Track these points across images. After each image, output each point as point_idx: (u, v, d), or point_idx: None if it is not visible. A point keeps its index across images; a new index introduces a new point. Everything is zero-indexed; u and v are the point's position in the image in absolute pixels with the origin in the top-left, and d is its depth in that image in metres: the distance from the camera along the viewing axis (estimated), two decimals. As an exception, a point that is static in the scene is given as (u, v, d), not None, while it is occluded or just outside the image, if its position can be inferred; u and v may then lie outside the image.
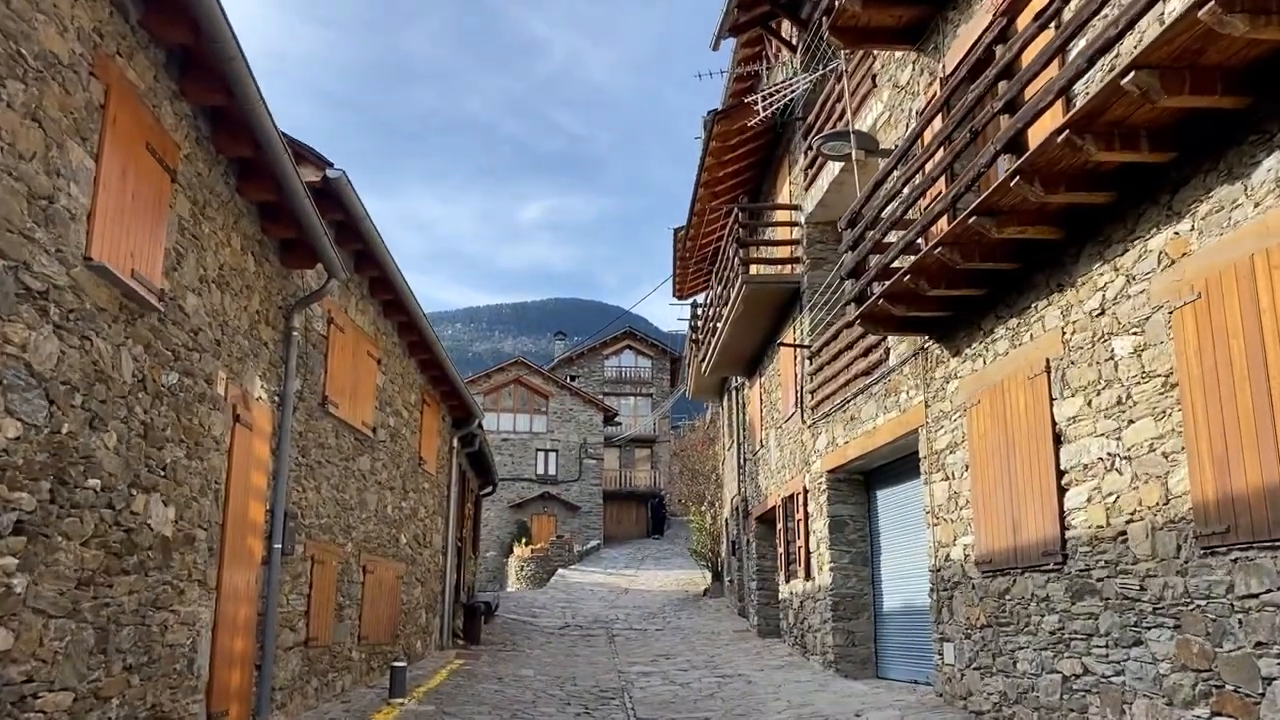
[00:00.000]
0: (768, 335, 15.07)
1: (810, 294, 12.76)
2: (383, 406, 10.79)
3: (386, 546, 10.99)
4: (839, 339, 11.42)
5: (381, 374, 10.71)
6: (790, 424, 13.80)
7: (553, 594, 25.28)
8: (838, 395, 11.42)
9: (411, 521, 12.06)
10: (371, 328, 10.34)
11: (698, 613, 20.90)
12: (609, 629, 18.00)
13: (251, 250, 7.23)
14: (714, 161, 14.90)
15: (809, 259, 12.87)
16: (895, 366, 9.65)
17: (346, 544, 9.63)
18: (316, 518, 8.82)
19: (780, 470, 14.53)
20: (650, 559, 34.88)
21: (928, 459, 8.85)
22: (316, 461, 8.81)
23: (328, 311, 9.01)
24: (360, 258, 9.67)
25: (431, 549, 13.13)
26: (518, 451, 38.86)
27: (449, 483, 13.97)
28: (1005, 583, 7.37)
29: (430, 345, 11.56)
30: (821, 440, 12.13)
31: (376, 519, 10.61)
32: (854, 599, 11.55)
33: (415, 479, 12.22)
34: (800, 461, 13.14)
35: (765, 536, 16.81)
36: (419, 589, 12.49)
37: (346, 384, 9.53)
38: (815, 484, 12.32)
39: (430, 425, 12.85)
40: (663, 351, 47.88)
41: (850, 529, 11.75)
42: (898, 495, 10.83)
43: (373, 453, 10.45)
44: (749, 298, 13.45)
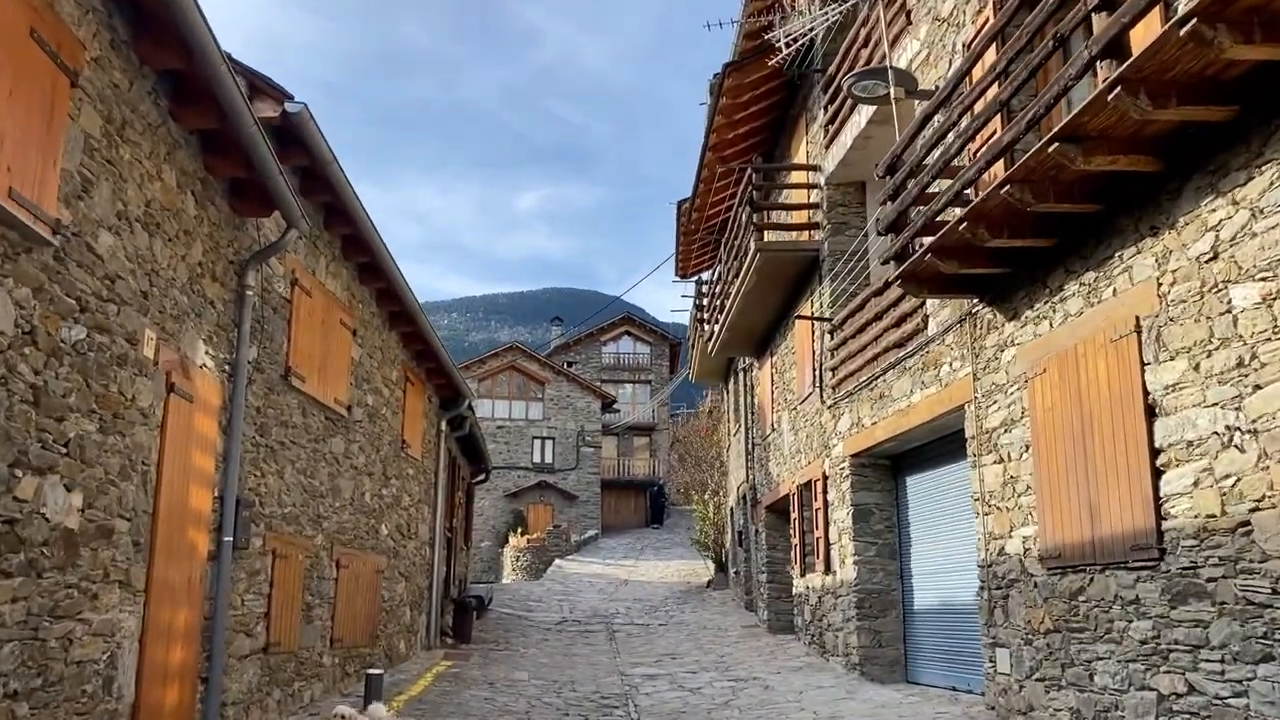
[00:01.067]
0: (781, 310, 13.97)
1: (831, 262, 11.65)
2: (359, 383, 9.68)
3: (364, 538, 9.90)
4: (866, 309, 10.32)
5: (357, 346, 9.60)
6: (806, 405, 12.72)
7: (549, 586, 24.24)
8: (864, 372, 10.33)
9: (394, 511, 10.97)
10: (345, 294, 9.23)
11: (702, 606, 19.86)
12: (609, 624, 16.94)
13: (191, 189, 6.11)
14: (724, 121, 13.75)
15: (829, 224, 11.75)
16: (936, 336, 8.55)
17: (316, 536, 8.54)
18: (279, 506, 7.73)
19: (795, 455, 13.45)
20: (650, 549, 33.84)
21: (976, 439, 7.77)
22: (279, 442, 7.72)
23: (291, 271, 7.90)
24: (331, 213, 8.55)
25: (417, 540, 12.05)
26: (514, 439, 37.76)
27: (436, 469, 12.88)
28: (1078, 581, 6.29)
29: (413, 316, 10.45)
30: (844, 422, 11.04)
31: (352, 508, 9.52)
32: (880, 595, 10.49)
33: (398, 464, 11.12)
34: (818, 445, 12.05)
35: (776, 527, 15.75)
36: (402, 584, 11.42)
37: (315, 355, 8.42)
38: (836, 470, 11.24)
39: (414, 406, 11.75)
40: (662, 338, 46.74)
41: (876, 519, 10.67)
42: (933, 481, 9.76)
43: (347, 434, 9.34)
44: (763, 267, 12.33)
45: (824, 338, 11.79)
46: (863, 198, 11.80)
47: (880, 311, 9.87)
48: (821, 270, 11.96)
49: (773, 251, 12.15)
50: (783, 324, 14.22)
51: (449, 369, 12.08)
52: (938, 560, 9.66)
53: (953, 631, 9.28)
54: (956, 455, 9.00)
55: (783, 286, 13.07)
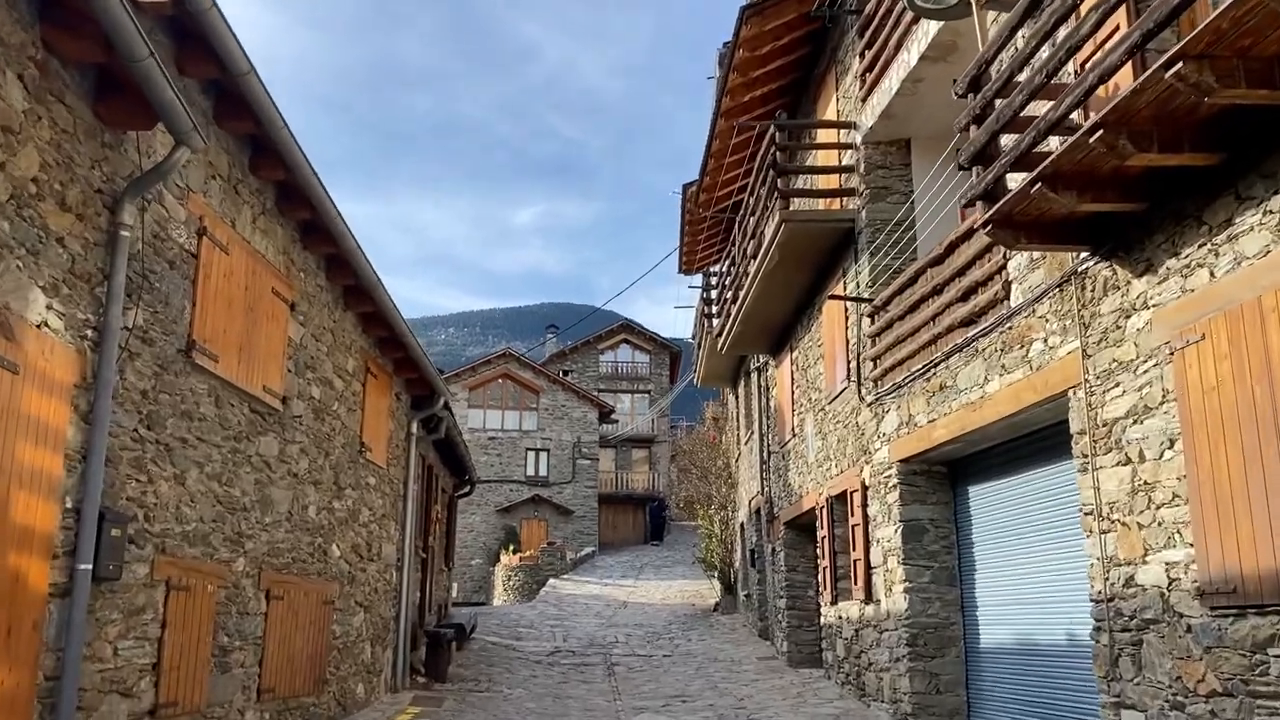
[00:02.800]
0: (806, 295, 12.18)
1: (870, 233, 9.87)
2: (300, 370, 7.87)
3: (307, 562, 8.06)
4: (919, 283, 8.54)
5: (298, 324, 7.79)
6: (838, 404, 10.91)
7: (542, 609, 22.33)
8: (917, 359, 8.53)
9: (348, 527, 9.13)
10: (281, 258, 7.43)
11: (709, 633, 17.97)
12: (607, 655, 15.05)
13: (20, 72, 4.32)
14: (739, 81, 12.00)
15: (867, 189, 9.98)
16: (1023, 306, 6.76)
17: (236, 560, 6.70)
18: (178, 522, 5.90)
19: (823, 463, 11.63)
20: (650, 568, 31.93)
21: (1088, 434, 5.96)
22: (178, 438, 5.90)
23: (198, 218, 6.10)
24: (259, 151, 6.78)
25: (380, 563, 10.20)
26: (506, 451, 35.88)
27: (406, 478, 11.04)
28: (1269, 627, 4.48)
29: (372, 292, 8.64)
30: (889, 421, 9.23)
31: (290, 524, 7.68)
32: (937, 631, 8.66)
33: (355, 471, 9.29)
34: (855, 450, 10.24)
35: (797, 545, 13.92)
36: (361, 616, 9.56)
37: (234, 331, 6.61)
38: (879, 479, 9.42)
39: (377, 403, 9.93)
40: (662, 346, 44.97)
41: (930, 537, 8.85)
42: (1007, 490, 7.95)
43: (283, 432, 7.52)
44: (788, 242, 10.54)
45: (860, 323, 10.00)
46: (907, 157, 10.04)
47: (940, 284, 8.09)
48: (858, 243, 10.18)
49: (800, 222, 10.36)
50: (807, 312, 12.44)
51: (420, 360, 10.26)
52: (1013, 588, 7.84)
53: (1036, 678, 7.46)
54: (1047, 456, 7.20)
55: (809, 265, 11.28)
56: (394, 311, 9.13)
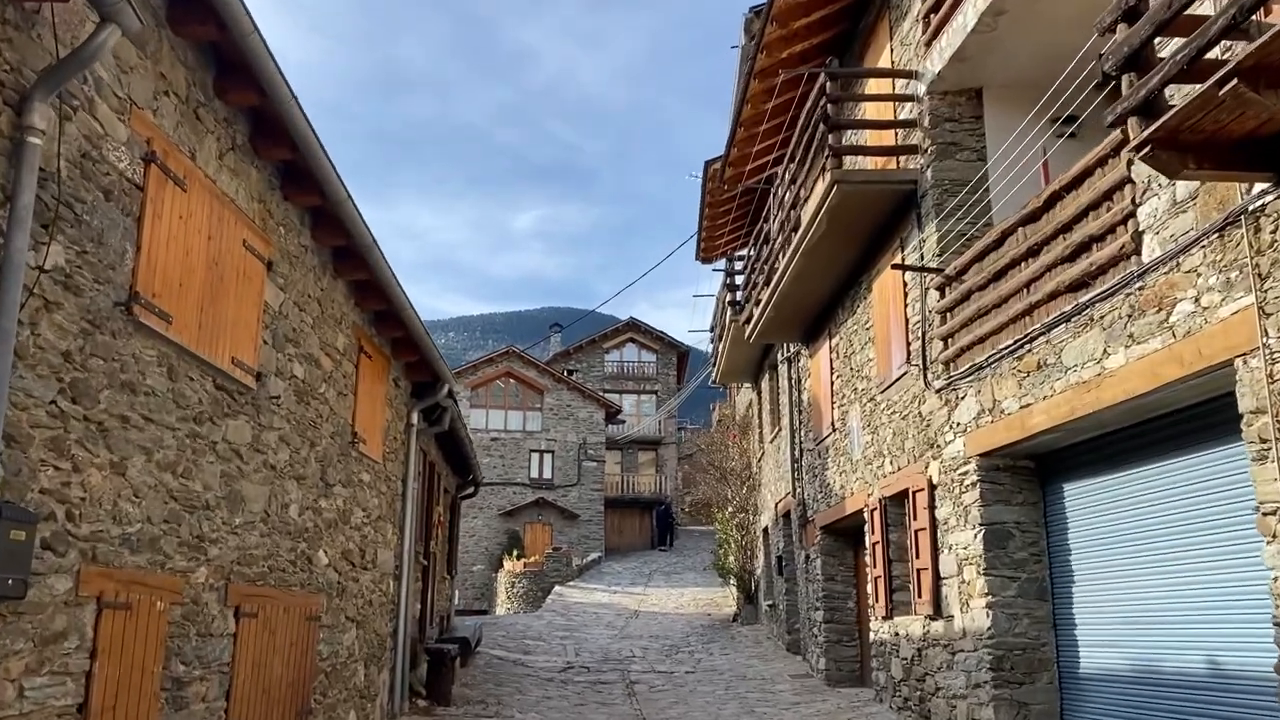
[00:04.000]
0: (850, 272, 10.94)
1: (937, 194, 8.63)
2: (279, 343, 6.61)
3: (287, 571, 6.80)
4: (1007, 245, 7.30)
5: (276, 288, 6.54)
6: (894, 393, 9.66)
7: (550, 618, 21.05)
8: (1006, 334, 7.28)
9: (338, 530, 7.87)
10: (255, 206, 6.18)
11: (732, 646, 16.70)
12: (625, 672, 13.78)
13: None
14: (777, 34, 10.75)
15: (934, 145, 8.74)
16: (1163, 259, 5.50)
17: (196, 569, 5.45)
18: (116, 523, 4.64)
19: (874, 460, 10.37)
20: (659, 574, 30.63)
21: (1271, 412, 4.70)
22: (118, 416, 4.65)
23: (145, 140, 4.85)
24: (225, 69, 5.54)
25: (375, 571, 8.93)
26: (509, 452, 34.58)
27: (405, 475, 9.78)
28: None
29: (365, 255, 7.38)
30: (965, 409, 7.98)
31: (266, 526, 6.42)
32: (1026, 653, 7.40)
33: (346, 466, 8.04)
34: (918, 444, 8.99)
35: (836, 552, 12.67)
36: (353, 633, 8.29)
37: (194, 287, 5.36)
38: (952, 475, 8.17)
39: (373, 389, 8.67)
40: (669, 346, 43.66)
41: (1016, 543, 7.60)
42: (1121, 486, 6.69)
43: (257, 415, 6.27)
44: (838, 208, 9.29)
45: (925, 298, 8.76)
46: (978, 109, 8.80)
47: (1037, 244, 6.84)
48: (920, 208, 8.93)
49: (855, 184, 9.10)
50: (851, 292, 11.19)
51: (422, 340, 8.99)
52: (1127, 604, 6.59)
53: (1163, 713, 6.20)
54: (1188, 443, 5.96)
55: (857, 237, 10.03)
56: (392, 280, 7.88)
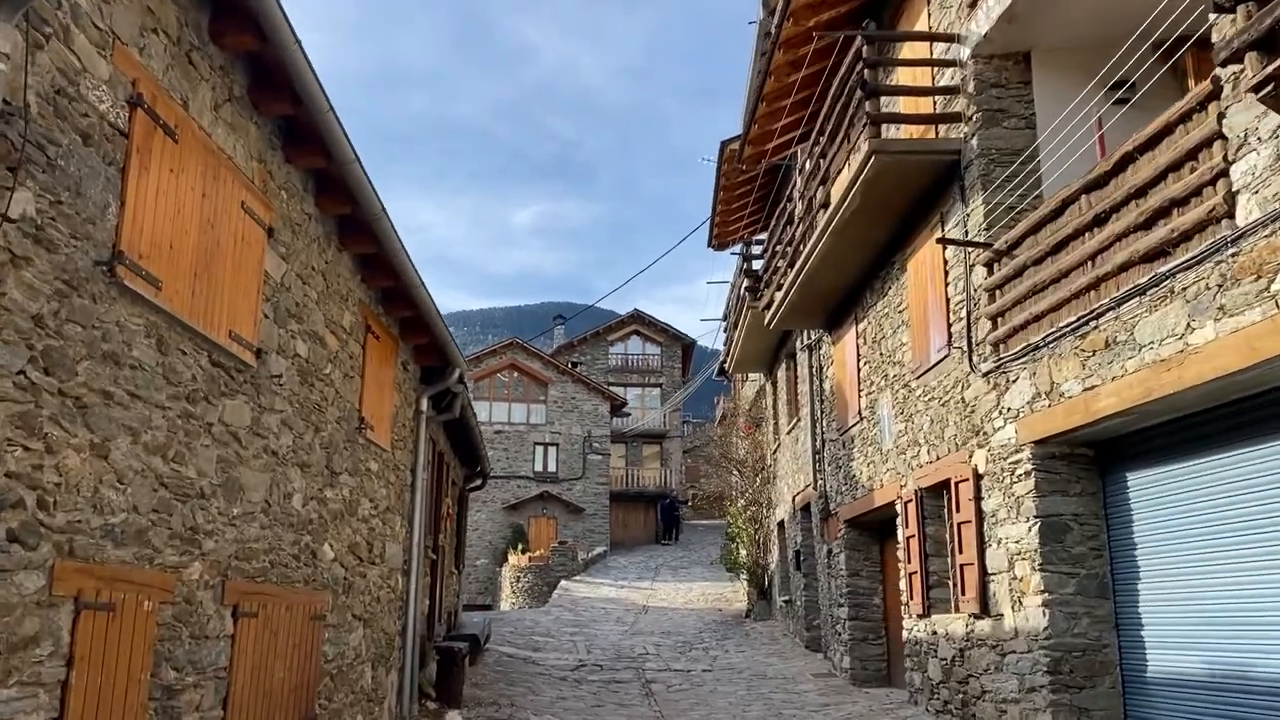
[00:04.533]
0: (882, 251, 10.38)
1: (983, 164, 8.07)
2: (282, 318, 6.07)
3: (290, 566, 6.26)
4: (1068, 214, 6.74)
5: (278, 258, 5.99)
6: (933, 378, 9.11)
7: (557, 614, 20.53)
8: (1066, 310, 6.73)
9: (345, 523, 7.33)
10: (254, 166, 5.62)
11: (748, 643, 16.18)
12: (639, 670, 13.26)
13: None
14: (805, 1, 10.19)
15: (979, 112, 8.18)
16: (1263, 220, 4.95)
17: (189, 564, 4.90)
18: (97, 512, 4.10)
19: (908, 449, 9.82)
20: (665, 568, 30.13)
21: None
22: (100, 392, 4.10)
23: (131, 82, 4.30)
24: (221, 6, 4.98)
25: (383, 566, 8.39)
26: (513, 445, 34.05)
27: (415, 464, 9.23)
28: None
29: (373, 224, 6.82)
30: (1018, 393, 7.43)
31: (267, 518, 5.88)
32: (1086, 655, 6.87)
33: (353, 454, 7.49)
34: (961, 431, 8.44)
35: (861, 546, 12.13)
36: (360, 632, 7.76)
37: (187, 250, 4.82)
38: (1002, 464, 7.63)
39: (381, 372, 8.12)
40: (673, 338, 43.15)
41: (1074, 537, 7.06)
42: (1199, 474, 6.14)
43: (258, 396, 5.72)
44: (877, 179, 8.73)
45: (970, 276, 8.22)
46: (1026, 73, 8.24)
47: (1105, 211, 6.29)
48: (964, 179, 8.38)
49: (895, 154, 8.54)
50: (882, 273, 10.63)
51: (432, 320, 8.43)
52: (1205, 603, 6.05)
53: None
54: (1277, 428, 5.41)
55: (891, 213, 9.47)
56: (401, 253, 7.32)
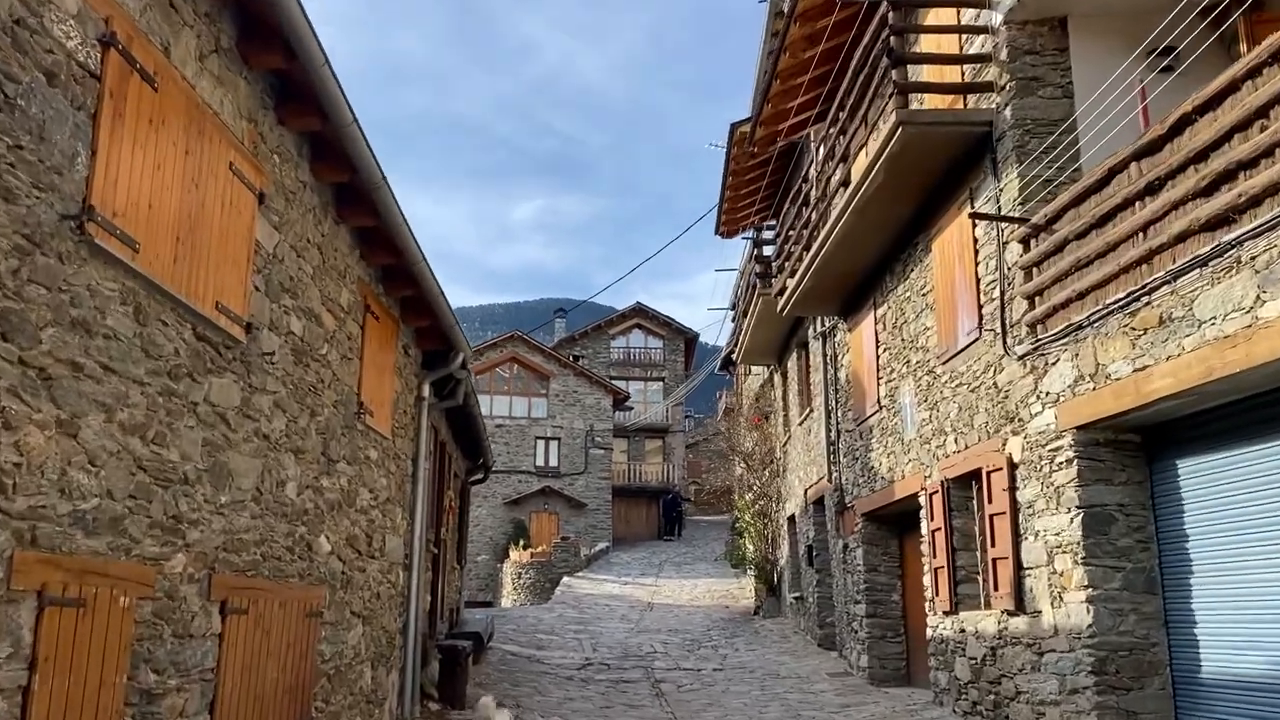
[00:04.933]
0: (904, 231, 9.95)
1: (1018, 135, 7.64)
2: (274, 292, 5.63)
3: (284, 559, 5.83)
4: (1115, 183, 6.31)
5: (270, 226, 5.55)
6: (961, 362, 8.69)
7: (561, 611, 20.12)
8: (1114, 286, 6.29)
9: (342, 514, 6.89)
10: (244, 125, 5.19)
11: (757, 641, 15.77)
12: (648, 670, 12.84)
13: None
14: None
15: (1013, 80, 7.75)
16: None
17: (171, 556, 4.47)
18: (65, 497, 3.67)
19: (931, 439, 9.40)
20: (669, 564, 29.71)
21: None
22: (68, 362, 3.67)
23: (104, 20, 3.86)
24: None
25: (384, 560, 7.96)
26: (514, 439, 33.61)
27: (416, 453, 8.80)
28: None
29: (373, 193, 6.37)
30: (1058, 376, 7.00)
31: (259, 506, 5.45)
32: (1133, 654, 6.44)
33: (351, 440, 7.06)
34: (993, 418, 8.01)
35: (879, 540, 11.71)
36: (359, 630, 7.33)
37: (167, 210, 4.38)
38: (1040, 452, 7.20)
39: (380, 356, 7.69)
40: (676, 331, 42.71)
41: (1120, 528, 6.63)
42: (1261, 460, 5.72)
43: (248, 375, 5.29)
44: (903, 153, 8.29)
45: (1002, 254, 7.79)
46: (1063, 40, 7.80)
47: (1160, 178, 5.85)
48: (997, 152, 7.94)
49: (923, 125, 8.10)
50: (903, 255, 10.20)
51: (436, 301, 7.99)
52: (1271, 597, 5.63)
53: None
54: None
55: (918, 188, 9.04)
56: (403, 227, 6.88)
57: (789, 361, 16.94)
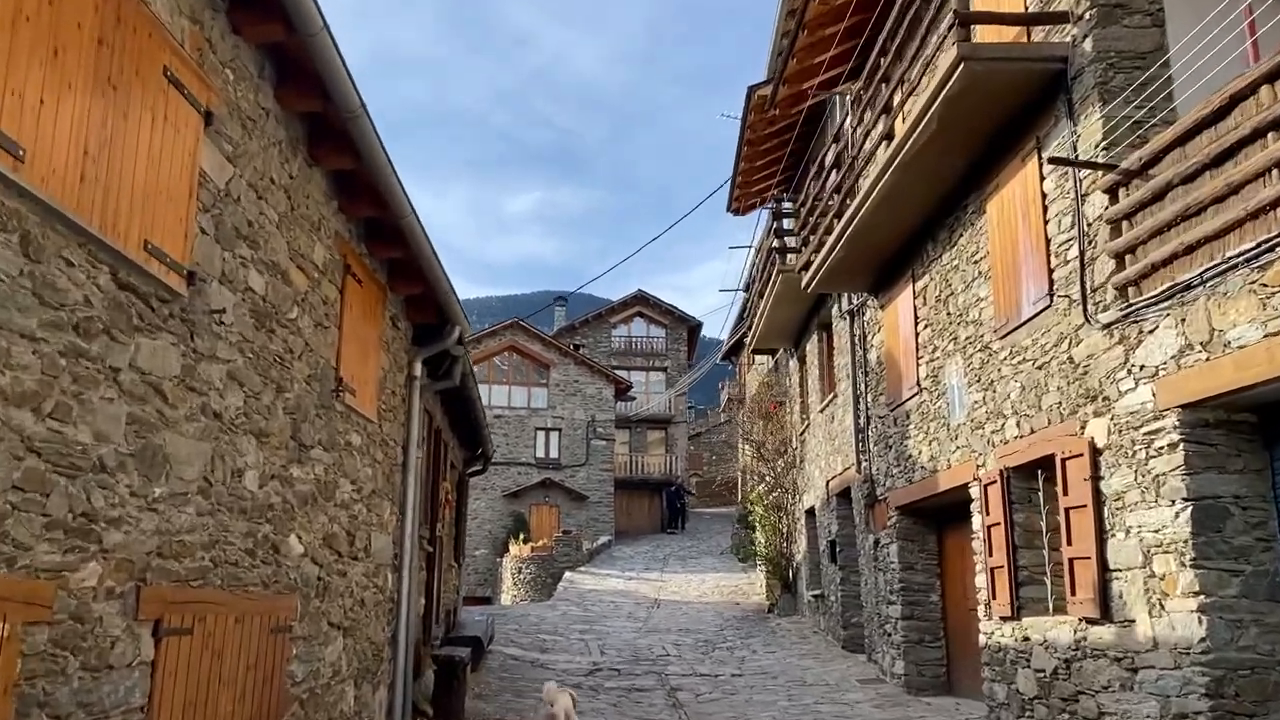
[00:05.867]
0: (953, 192, 8.92)
1: (1099, 70, 6.59)
2: (228, 238, 4.59)
3: (241, 564, 4.80)
4: (1233, 118, 5.28)
5: (221, 156, 4.51)
6: (1027, 334, 7.66)
7: (564, 609, 19.12)
8: (1235, 236, 5.27)
9: (317, 508, 5.87)
10: (185, 26, 4.14)
11: (775, 641, 14.79)
12: (661, 675, 11.85)
13: None
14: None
15: (1093, 8, 6.70)
16: None
17: (81, 566, 3.46)
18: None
19: (985, 423, 8.38)
20: (674, 558, 28.75)
21: None
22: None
23: None
24: None
25: (369, 561, 6.94)
26: (513, 430, 32.59)
27: (407, 440, 7.78)
28: None
29: (349, 126, 5.31)
30: (1157, 345, 5.97)
31: (208, 501, 4.42)
32: (1256, 673, 5.44)
33: (328, 423, 6.03)
34: (1069, 397, 6.99)
35: (915, 536, 10.72)
36: (338, 643, 6.30)
37: (66, 109, 3.34)
38: (1133, 435, 6.17)
39: (363, 326, 6.65)
40: (679, 320, 41.69)
41: (1235, 525, 5.62)
42: None
43: (191, 337, 4.25)
44: (961, 96, 7.26)
45: (1080, 207, 6.75)
46: (1152, -39, 6.76)
47: (1304, 100, 4.82)
48: (1073, 91, 6.90)
49: (987, 61, 7.05)
50: (950, 220, 9.18)
51: (428, 265, 6.94)
52: None
53: None
54: None
55: (975, 138, 8.00)
56: (388, 170, 5.83)
57: (808, 345, 15.91)
